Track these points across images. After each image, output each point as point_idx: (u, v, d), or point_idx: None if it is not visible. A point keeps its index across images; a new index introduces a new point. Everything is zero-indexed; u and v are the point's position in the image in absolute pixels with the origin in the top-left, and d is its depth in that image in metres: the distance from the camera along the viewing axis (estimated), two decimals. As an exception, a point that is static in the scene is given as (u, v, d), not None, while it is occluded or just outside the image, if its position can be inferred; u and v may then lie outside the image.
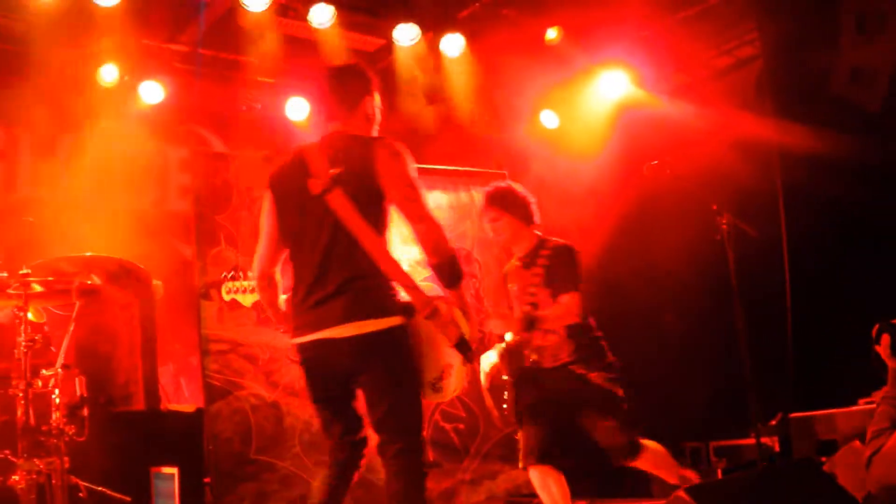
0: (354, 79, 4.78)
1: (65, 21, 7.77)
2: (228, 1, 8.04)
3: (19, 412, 5.78)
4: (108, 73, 8.29)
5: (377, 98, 4.77)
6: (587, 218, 7.76)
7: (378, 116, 4.75)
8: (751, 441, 6.47)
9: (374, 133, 4.71)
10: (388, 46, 8.95)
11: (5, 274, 6.16)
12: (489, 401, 6.24)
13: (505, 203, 6.16)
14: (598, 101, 9.55)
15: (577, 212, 8.70)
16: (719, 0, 8.45)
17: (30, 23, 7.83)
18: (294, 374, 7.43)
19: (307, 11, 8.24)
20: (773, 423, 7.38)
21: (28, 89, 7.85)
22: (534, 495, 6.17)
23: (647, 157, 6.44)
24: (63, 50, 7.91)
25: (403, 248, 8.02)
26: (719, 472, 7.96)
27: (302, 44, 8.59)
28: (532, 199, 6.17)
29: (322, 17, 8.26)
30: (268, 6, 7.94)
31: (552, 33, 8.79)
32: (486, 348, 6.27)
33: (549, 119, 9.78)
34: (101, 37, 7.95)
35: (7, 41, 8.22)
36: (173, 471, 6.66)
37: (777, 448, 7.36)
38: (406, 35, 8.72)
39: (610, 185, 8.99)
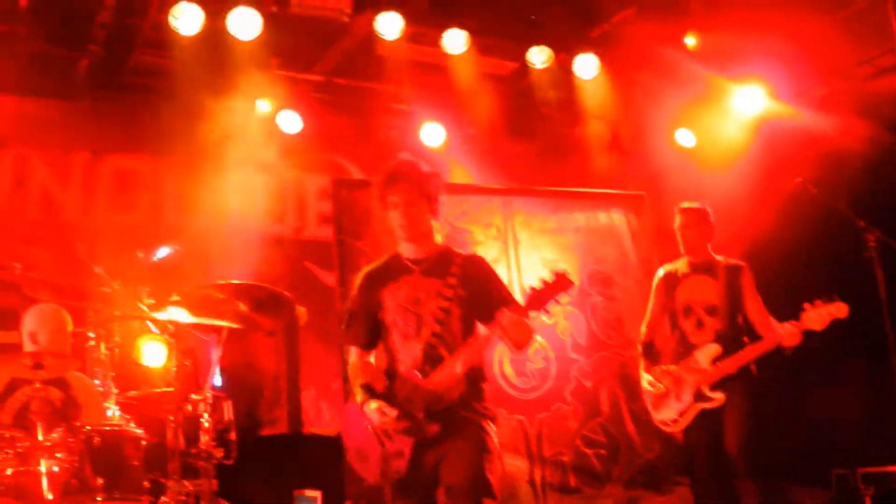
0: None
1: (205, 54, 7.99)
2: (362, 30, 8.15)
3: (170, 435, 5.94)
4: (248, 105, 8.47)
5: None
6: (726, 236, 7.61)
7: None
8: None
9: None
10: (522, 69, 8.96)
11: (153, 301, 6.36)
12: None
13: None
14: (734, 118, 9.40)
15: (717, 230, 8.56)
16: (860, 9, 8.24)
17: (172, 57, 8.07)
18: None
19: (440, 37, 8.28)
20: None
21: (171, 121, 8.06)
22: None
23: (787, 173, 6.33)
24: (204, 82, 8.12)
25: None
26: (867, 500, 7.70)
27: (436, 69, 8.65)
28: None
29: (455, 42, 8.30)
30: (401, 34, 8.02)
31: (685, 48, 8.68)
32: None
33: (685, 137, 9.65)
34: (240, 69, 8.13)
35: (149, 76, 8.49)
36: (316, 494, 6.75)
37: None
38: (539, 57, 8.71)
39: (750, 202, 8.82)
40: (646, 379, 6.90)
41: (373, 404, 4.71)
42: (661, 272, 7.11)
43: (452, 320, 4.77)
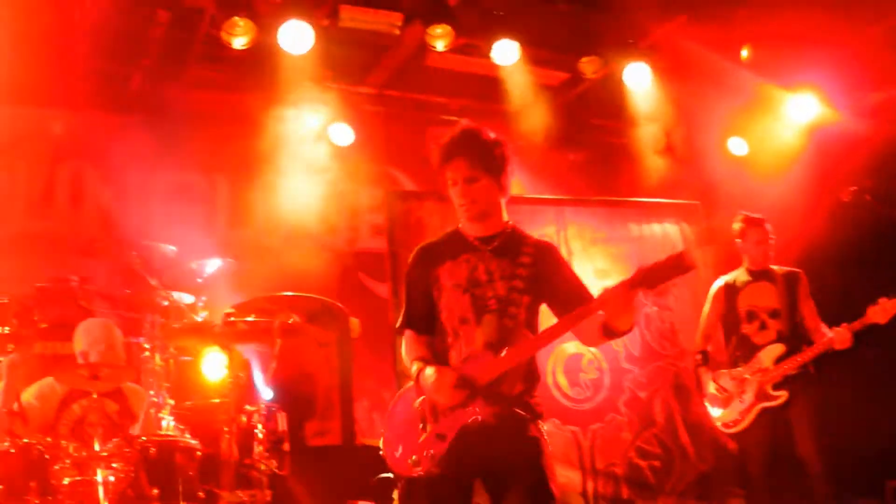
0: None
1: (257, 68, 8.07)
2: (413, 42, 8.18)
3: (224, 446, 5.99)
4: (300, 118, 8.52)
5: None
6: (779, 243, 7.54)
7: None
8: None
9: None
10: (574, 79, 8.94)
11: (207, 313, 6.42)
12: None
13: None
14: (787, 125, 9.33)
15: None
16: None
17: (224, 71, 8.15)
18: (483, 412, 7.42)
19: (490, 48, 8.29)
20: None
21: (224, 135, 8.13)
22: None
23: (841, 181, 6.28)
24: (256, 95, 8.19)
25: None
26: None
27: (486, 81, 8.66)
28: None
29: (505, 53, 8.30)
30: (451, 45, 8.03)
31: (745, 52, 8.64)
32: None
33: (738, 146, 9.59)
34: (292, 82, 8.18)
35: (202, 90, 8.57)
36: (368, 505, 6.76)
37: None
38: (590, 67, 8.69)
39: (803, 210, 8.74)
40: (711, 385, 7.06)
41: (429, 369, 4.27)
42: (720, 282, 7.27)
43: (520, 306, 4.32)
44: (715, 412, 7.03)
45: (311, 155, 8.63)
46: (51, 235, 8.32)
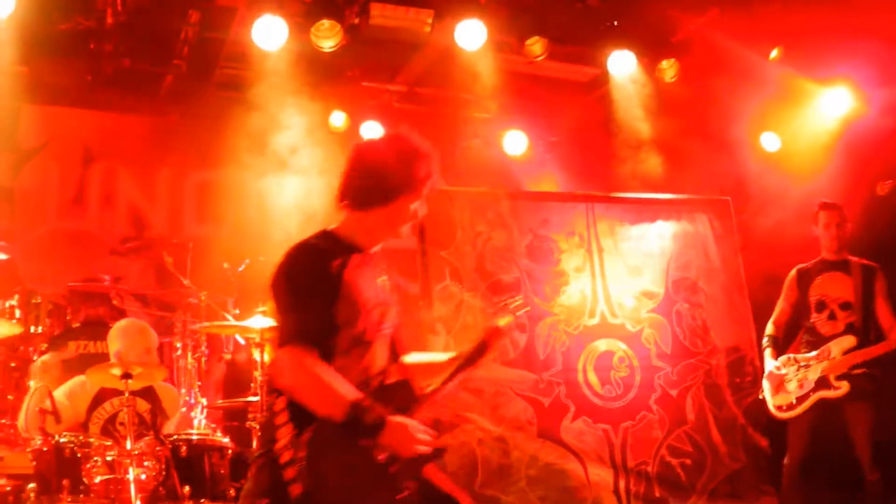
0: None
1: (288, 67, 8.08)
2: (444, 40, 8.17)
3: (254, 444, 6.02)
4: (336, 118, 8.55)
5: None
6: (811, 238, 7.47)
7: None
8: None
9: None
10: (604, 75, 8.91)
11: (239, 311, 6.45)
12: None
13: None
14: (820, 120, 9.23)
15: (803, 235, 8.43)
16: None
17: (255, 70, 8.17)
18: (519, 409, 7.43)
19: (522, 46, 8.27)
20: None
21: (255, 133, 8.14)
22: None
23: (877, 176, 6.22)
24: (287, 94, 8.20)
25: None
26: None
27: (517, 78, 8.64)
28: None
29: (535, 50, 8.27)
30: (482, 43, 8.01)
31: (774, 53, 8.58)
32: None
33: (770, 142, 9.52)
34: (323, 80, 8.20)
35: (233, 89, 8.59)
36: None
37: None
38: (620, 63, 8.65)
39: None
40: (771, 363, 7.11)
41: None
42: (794, 270, 7.32)
43: None
44: (772, 391, 7.07)
45: (342, 153, 8.62)
46: (83, 235, 8.39)
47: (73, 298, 7.60)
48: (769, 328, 7.33)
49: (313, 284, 3.77)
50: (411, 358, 4.16)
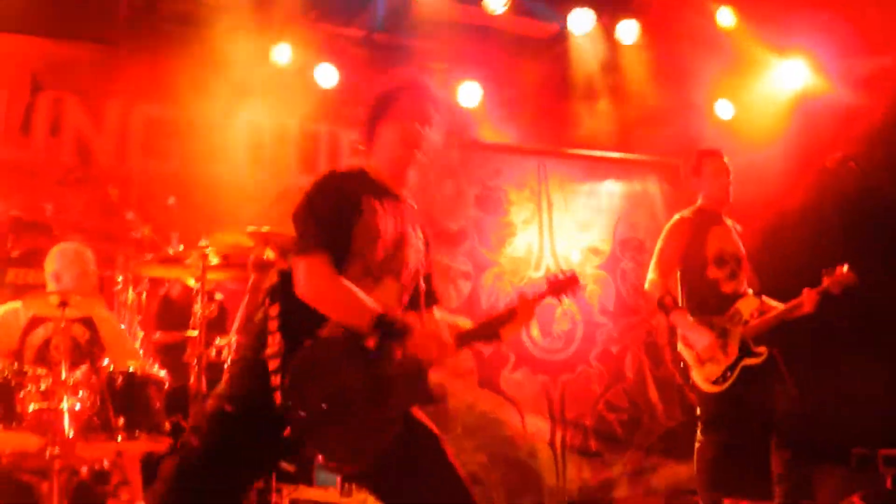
0: None
1: (243, 3, 7.99)
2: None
3: (192, 379, 5.97)
4: (283, 54, 8.44)
5: None
6: (755, 204, 7.50)
7: None
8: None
9: None
10: (563, 33, 8.87)
11: (182, 247, 6.37)
12: None
13: None
14: (775, 91, 9.27)
15: (751, 203, 8.48)
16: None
17: (208, 5, 8.07)
18: (460, 357, 7.43)
19: (481, -3, 8.21)
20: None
21: (206, 70, 8.04)
22: (693, 492, 6.03)
23: (829, 151, 6.23)
24: (240, 31, 8.10)
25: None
26: (889, 481, 7.56)
27: (475, 30, 8.58)
28: None
29: (496, 2, 8.22)
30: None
31: (727, 18, 8.55)
32: None
33: (724, 109, 9.54)
34: (278, 20, 8.11)
35: (185, 24, 8.46)
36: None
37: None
38: (581, 21, 8.62)
39: (785, 175, 8.70)
40: (692, 330, 6.17)
41: None
42: (678, 218, 6.52)
43: None
44: (697, 363, 6.15)
45: (294, 94, 8.55)
46: (28, 165, 8.22)
47: (14, 227, 7.47)
48: (660, 288, 6.28)
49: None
50: (438, 314, 4.14)
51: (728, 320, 6.19)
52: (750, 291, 6.33)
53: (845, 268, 6.22)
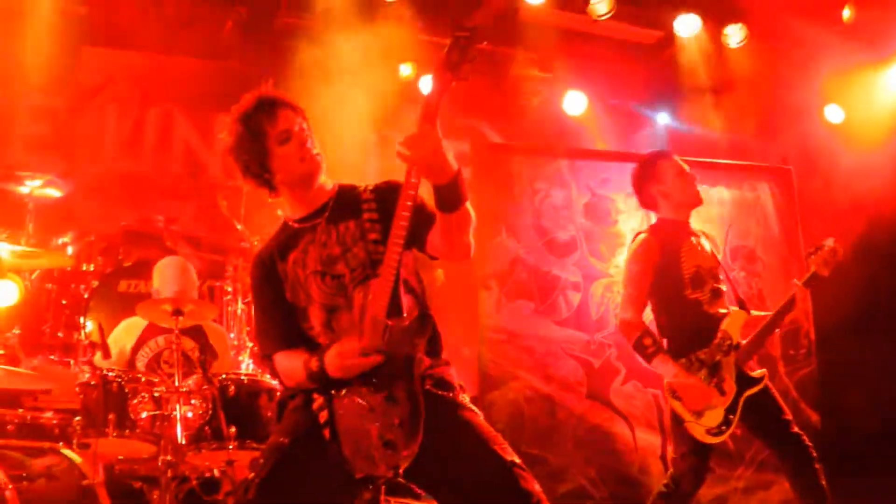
0: None
1: (350, 17, 8.04)
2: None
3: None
4: (392, 68, 8.50)
5: None
6: (878, 214, 7.35)
7: None
8: None
9: None
10: (669, 38, 8.78)
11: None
12: None
13: None
14: (885, 95, 9.08)
15: (867, 207, 8.29)
16: None
17: (316, 19, 8.14)
18: (569, 369, 7.37)
19: (586, 4, 8.15)
20: None
21: (315, 83, 8.10)
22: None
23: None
24: (348, 44, 8.16)
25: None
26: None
27: (581, 37, 8.53)
28: None
29: (601, 9, 8.16)
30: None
31: (847, 12, 8.39)
32: None
33: (834, 113, 9.35)
34: (384, 32, 8.15)
35: (294, 38, 8.55)
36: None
37: None
38: (687, 26, 8.52)
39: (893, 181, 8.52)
40: (681, 377, 5.31)
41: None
42: (642, 237, 5.62)
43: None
44: (693, 406, 5.32)
45: (401, 106, 8.57)
46: (139, 176, 8.40)
47: (126, 238, 7.61)
48: (636, 328, 5.36)
49: (268, 304, 3.95)
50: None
51: (717, 350, 5.32)
52: (733, 309, 5.46)
53: (830, 241, 5.38)
